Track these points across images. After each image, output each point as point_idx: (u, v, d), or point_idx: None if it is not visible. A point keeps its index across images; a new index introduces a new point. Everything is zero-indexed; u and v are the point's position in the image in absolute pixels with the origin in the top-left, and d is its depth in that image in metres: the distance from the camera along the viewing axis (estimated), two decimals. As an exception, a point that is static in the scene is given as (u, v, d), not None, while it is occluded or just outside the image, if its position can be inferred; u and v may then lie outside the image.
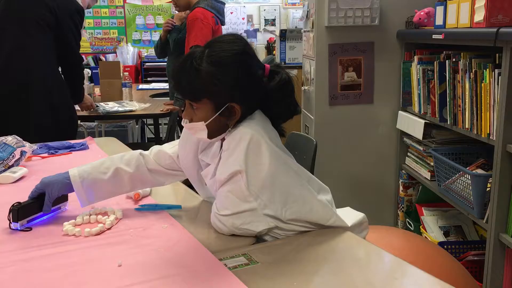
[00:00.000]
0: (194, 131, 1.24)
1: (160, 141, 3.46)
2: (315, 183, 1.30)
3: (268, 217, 1.17)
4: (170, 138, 3.67)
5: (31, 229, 1.21)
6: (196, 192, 1.45)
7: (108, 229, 1.21)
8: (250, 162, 1.15)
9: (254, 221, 1.17)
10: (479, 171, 1.98)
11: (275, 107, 1.25)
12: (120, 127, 4.69)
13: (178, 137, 4.74)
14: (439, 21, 2.17)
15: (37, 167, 1.74)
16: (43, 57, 2.41)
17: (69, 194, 1.35)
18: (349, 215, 1.37)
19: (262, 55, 5.20)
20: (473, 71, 1.88)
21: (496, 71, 1.74)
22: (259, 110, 1.26)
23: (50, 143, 2.00)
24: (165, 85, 4.35)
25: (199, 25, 2.89)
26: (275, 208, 1.17)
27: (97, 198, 1.33)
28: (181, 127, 4.02)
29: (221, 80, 1.16)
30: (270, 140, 1.19)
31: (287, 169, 1.21)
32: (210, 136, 1.22)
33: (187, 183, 4.09)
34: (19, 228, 1.20)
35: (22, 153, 1.73)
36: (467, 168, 2.01)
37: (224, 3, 3.12)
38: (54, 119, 2.39)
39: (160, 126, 4.25)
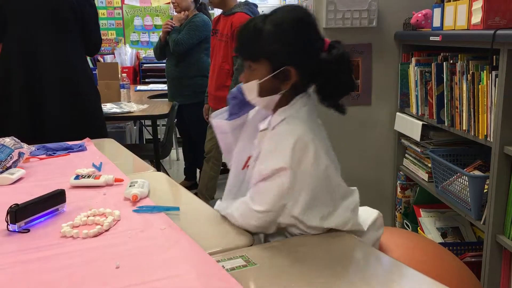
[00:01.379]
0: (247, 91, 1.27)
1: (158, 142, 3.47)
2: (342, 188, 1.30)
3: (294, 218, 1.20)
4: (168, 139, 3.68)
5: (29, 230, 1.21)
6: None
7: (106, 230, 1.21)
8: (295, 161, 1.16)
9: (281, 222, 1.20)
10: (477, 172, 1.99)
11: (330, 81, 1.26)
12: (118, 128, 4.69)
13: (177, 138, 4.75)
14: (436, 23, 2.17)
15: (35, 168, 1.74)
16: (79, 57, 2.50)
17: (66, 196, 1.34)
18: (365, 214, 1.39)
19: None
20: (471, 73, 1.89)
21: (493, 73, 1.74)
22: (309, 106, 1.27)
23: (48, 145, 1.99)
24: (164, 86, 4.35)
25: None
26: (302, 211, 1.19)
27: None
28: (179, 128, 4.03)
29: (280, 41, 1.20)
30: (316, 141, 1.20)
31: (325, 174, 1.22)
32: (261, 95, 1.25)
33: (185, 184, 4.07)
34: (17, 230, 1.19)
35: (20, 154, 1.72)
36: (465, 169, 2.01)
37: (257, 6, 3.10)
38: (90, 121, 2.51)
39: (158, 127, 4.25)
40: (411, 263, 1.19)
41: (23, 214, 1.22)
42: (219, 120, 1.43)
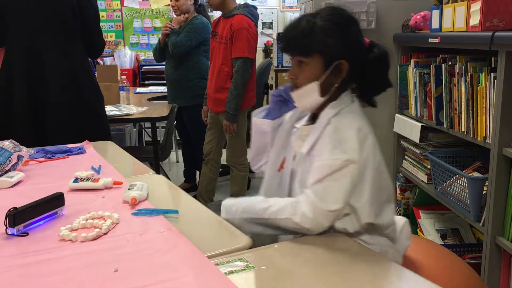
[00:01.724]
0: (307, 93, 1.27)
1: (157, 145, 3.47)
2: (388, 190, 1.30)
3: (350, 208, 1.20)
4: (168, 141, 3.68)
5: (27, 234, 1.21)
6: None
7: (105, 234, 1.21)
8: (360, 152, 1.18)
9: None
10: (476, 174, 1.99)
11: (371, 78, 1.30)
12: (118, 131, 4.69)
13: (176, 140, 4.75)
14: (435, 24, 2.18)
15: (34, 171, 1.73)
16: (81, 59, 2.50)
17: (65, 200, 1.35)
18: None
19: (259, 58, 5.21)
20: (469, 74, 1.89)
21: (492, 74, 1.75)
22: (357, 102, 1.30)
23: (47, 147, 1.99)
24: (163, 89, 4.36)
25: (246, 36, 2.86)
26: (367, 203, 1.20)
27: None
28: (179, 130, 4.03)
29: (334, 35, 1.23)
30: (372, 134, 1.23)
31: (379, 169, 1.23)
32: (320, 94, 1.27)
33: (185, 186, 4.05)
34: (15, 233, 1.19)
35: (19, 157, 1.72)
36: (464, 171, 2.01)
37: (256, 8, 3.11)
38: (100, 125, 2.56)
39: (157, 129, 4.24)
40: (418, 267, 1.20)
41: (22, 217, 1.21)
42: (261, 119, 1.44)
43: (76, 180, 1.54)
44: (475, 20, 1.84)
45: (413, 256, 1.42)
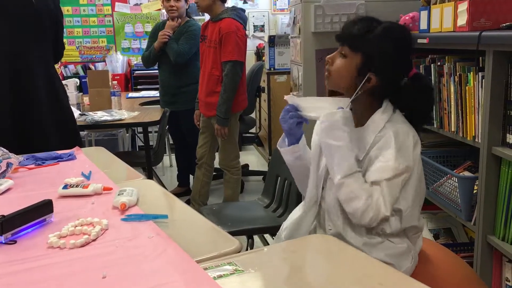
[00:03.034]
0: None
1: (150, 149, 3.46)
2: (423, 198, 1.38)
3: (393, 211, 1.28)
4: (160, 146, 3.67)
5: (15, 242, 1.20)
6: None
7: (94, 240, 1.20)
8: (412, 160, 1.26)
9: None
10: (466, 173, 2.00)
11: (408, 107, 1.35)
12: (111, 136, 4.68)
13: (170, 144, 4.73)
14: (423, 25, 2.18)
15: (24, 178, 1.72)
16: (50, 63, 2.51)
17: (54, 206, 1.34)
18: None
19: (251, 61, 5.21)
20: (458, 74, 1.90)
21: (480, 74, 1.75)
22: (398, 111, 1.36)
23: (37, 154, 1.98)
24: (155, 93, 4.35)
25: (235, 39, 2.86)
26: (409, 206, 1.29)
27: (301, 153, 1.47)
28: (174, 135, 4.02)
29: (383, 46, 1.29)
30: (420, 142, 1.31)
31: (421, 176, 1.32)
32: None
33: (178, 191, 4.01)
34: (3, 241, 1.19)
35: (9, 165, 1.71)
36: (454, 170, 2.02)
37: (245, 11, 3.11)
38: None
39: (150, 134, 4.23)
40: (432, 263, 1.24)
41: (10, 225, 1.21)
42: (283, 149, 1.48)
43: (65, 187, 1.54)
44: (462, 20, 1.85)
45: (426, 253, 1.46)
